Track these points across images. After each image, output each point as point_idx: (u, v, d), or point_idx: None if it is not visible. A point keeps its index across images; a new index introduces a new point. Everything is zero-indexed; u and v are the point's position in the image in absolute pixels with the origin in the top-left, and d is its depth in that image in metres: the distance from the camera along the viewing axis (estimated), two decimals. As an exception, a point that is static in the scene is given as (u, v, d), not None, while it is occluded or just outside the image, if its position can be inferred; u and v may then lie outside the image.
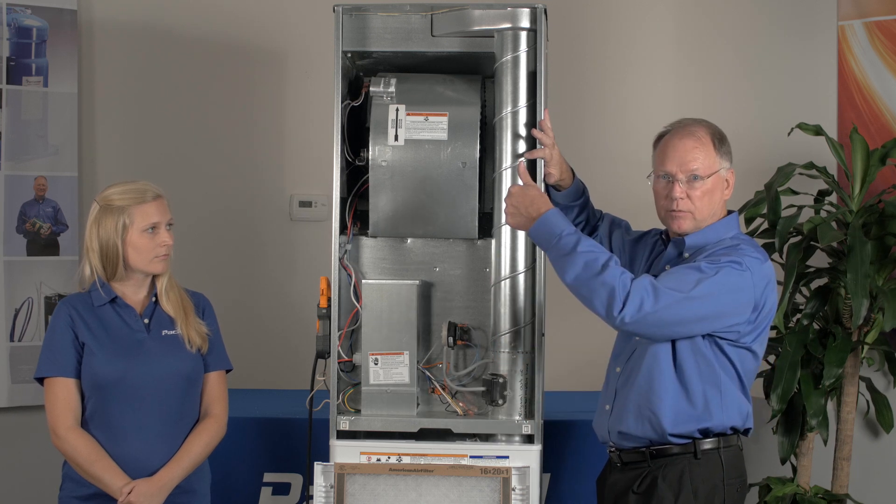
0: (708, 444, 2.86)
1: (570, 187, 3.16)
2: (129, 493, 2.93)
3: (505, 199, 2.98)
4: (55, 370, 2.99)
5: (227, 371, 3.19)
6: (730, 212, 2.97)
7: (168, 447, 3.02)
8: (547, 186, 3.13)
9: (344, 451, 3.14)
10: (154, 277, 3.08)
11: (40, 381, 3.03)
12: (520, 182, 3.06)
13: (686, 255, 2.90)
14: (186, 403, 3.07)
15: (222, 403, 3.14)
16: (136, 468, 2.98)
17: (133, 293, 3.07)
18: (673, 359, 2.83)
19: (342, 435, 3.16)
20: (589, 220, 3.23)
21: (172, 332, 3.06)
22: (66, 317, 3.01)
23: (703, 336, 2.81)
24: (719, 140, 2.89)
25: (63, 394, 2.99)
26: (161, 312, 3.08)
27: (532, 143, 3.16)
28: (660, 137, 2.97)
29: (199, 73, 4.69)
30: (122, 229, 2.99)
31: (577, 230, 2.84)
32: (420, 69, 3.31)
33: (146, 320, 3.06)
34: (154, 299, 3.08)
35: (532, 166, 3.16)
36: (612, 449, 2.96)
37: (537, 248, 3.14)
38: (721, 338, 2.81)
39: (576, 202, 3.18)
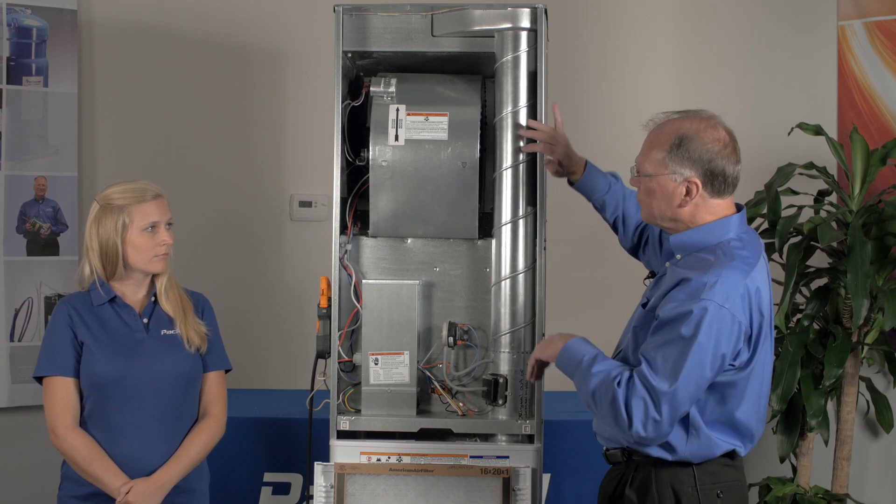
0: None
1: (583, 180, 3.13)
2: (128, 492, 2.93)
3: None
4: (54, 369, 2.99)
5: (227, 371, 3.19)
6: (739, 207, 2.85)
7: (167, 447, 3.02)
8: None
9: (344, 451, 3.14)
10: (153, 277, 3.08)
11: (39, 380, 3.03)
12: None
13: (678, 255, 2.79)
14: (185, 403, 3.07)
15: (221, 403, 3.14)
16: (134, 468, 2.98)
17: (132, 293, 3.07)
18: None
19: (342, 435, 3.16)
20: (626, 218, 3.14)
21: (171, 332, 3.07)
22: (66, 316, 3.01)
23: None
24: (678, 145, 2.71)
25: (62, 393, 2.99)
26: (160, 312, 3.08)
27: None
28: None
29: (199, 73, 4.69)
30: (121, 228, 2.99)
31: (596, 352, 2.75)
32: (420, 69, 3.31)
33: (145, 320, 3.06)
34: (153, 299, 3.08)
35: (532, 159, 3.16)
36: (603, 449, 2.90)
37: (537, 248, 3.15)
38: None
39: (598, 196, 3.14)
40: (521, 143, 3.14)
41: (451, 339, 3.18)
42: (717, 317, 2.57)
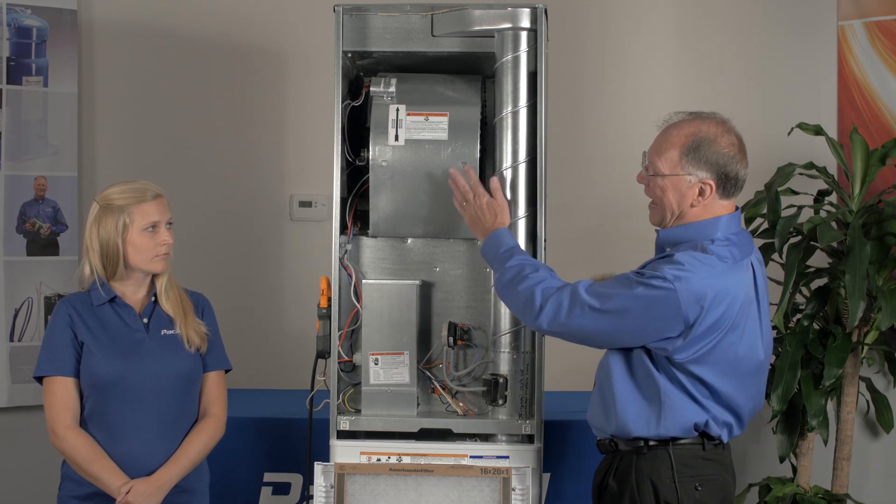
0: (654, 440, 2.80)
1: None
2: (128, 492, 2.93)
3: (468, 198, 3.07)
4: (54, 369, 2.99)
5: (227, 371, 3.19)
6: (737, 208, 2.89)
7: (167, 447, 3.02)
8: None
9: (344, 451, 3.14)
10: (154, 277, 3.08)
11: (39, 380, 3.03)
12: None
13: (668, 249, 2.84)
14: (185, 403, 3.07)
15: (221, 403, 3.14)
16: (134, 467, 2.98)
17: (132, 293, 3.07)
18: (627, 365, 2.82)
19: (342, 435, 3.17)
20: None
21: (171, 332, 3.07)
22: (66, 316, 3.02)
23: (641, 348, 2.77)
24: (694, 147, 2.79)
25: (62, 393, 2.99)
26: (160, 312, 3.08)
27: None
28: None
29: (199, 73, 4.69)
30: (122, 228, 2.99)
31: (519, 248, 2.95)
32: (420, 69, 3.31)
33: (145, 320, 3.06)
34: (153, 299, 3.08)
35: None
36: (596, 440, 2.96)
37: (537, 249, 3.15)
38: (656, 352, 2.76)
39: None
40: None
41: (451, 339, 3.18)
42: (661, 291, 2.67)
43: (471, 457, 3.12)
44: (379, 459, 3.12)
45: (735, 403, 2.81)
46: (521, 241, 3.15)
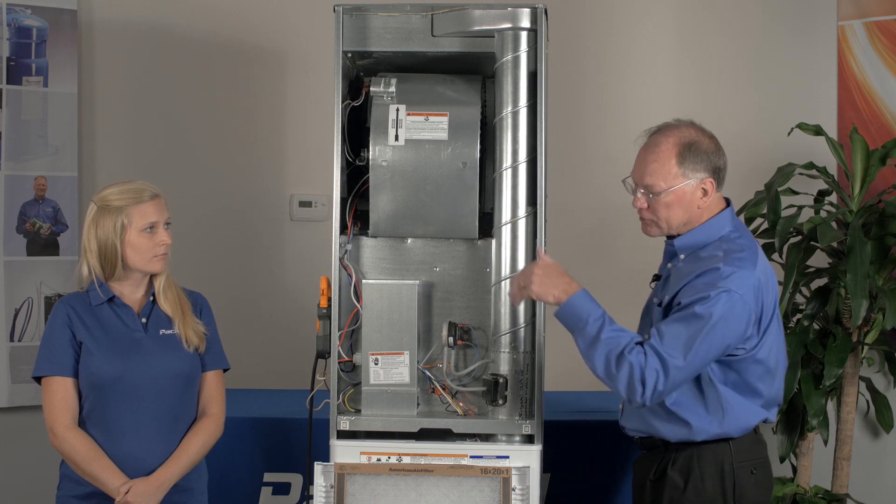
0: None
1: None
2: (127, 492, 2.93)
3: (526, 271, 2.95)
4: (53, 369, 2.99)
5: (225, 370, 3.19)
6: (728, 202, 2.97)
7: (165, 446, 3.02)
8: None
9: (344, 451, 3.14)
10: (152, 277, 3.08)
11: (38, 380, 3.03)
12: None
13: (682, 255, 2.94)
14: (184, 403, 3.07)
15: (220, 403, 3.14)
16: (133, 467, 2.98)
17: (131, 292, 3.07)
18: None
19: (342, 435, 3.16)
20: None
21: (170, 332, 3.07)
22: (64, 316, 3.01)
23: None
24: (686, 151, 2.86)
25: (61, 393, 2.99)
26: (159, 312, 3.08)
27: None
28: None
29: (199, 73, 4.69)
30: (120, 229, 2.99)
31: (601, 313, 2.84)
32: (420, 69, 3.31)
33: (144, 319, 3.06)
34: (152, 298, 3.08)
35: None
36: (635, 437, 3.05)
37: (537, 249, 3.15)
38: (729, 356, 2.86)
39: None
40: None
41: (451, 339, 3.18)
42: (730, 303, 2.75)
43: (471, 457, 3.12)
44: (379, 459, 3.12)
45: (779, 389, 2.96)
46: (521, 241, 3.15)
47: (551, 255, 3.24)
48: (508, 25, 3.15)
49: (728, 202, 2.97)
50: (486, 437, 3.18)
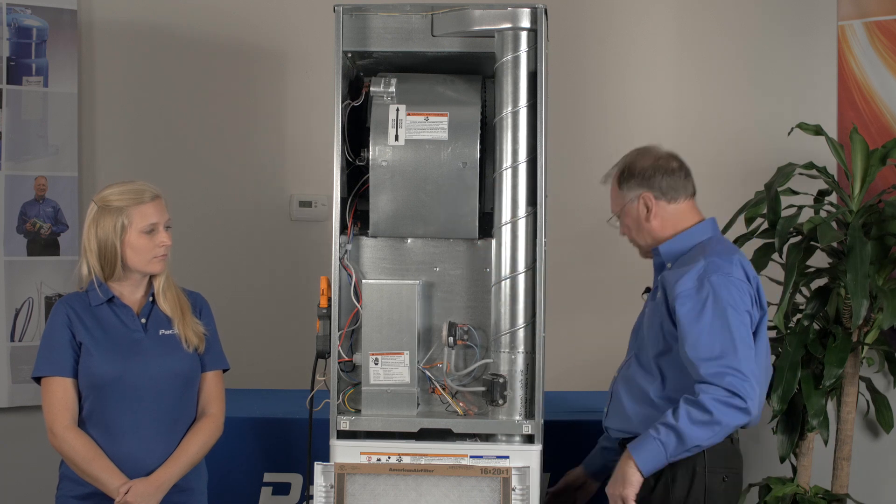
0: None
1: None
2: (127, 492, 2.93)
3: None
4: (52, 370, 2.99)
5: (224, 370, 3.19)
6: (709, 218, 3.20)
7: (165, 446, 3.03)
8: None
9: (344, 451, 3.14)
10: (151, 277, 3.08)
11: (38, 380, 3.03)
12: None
13: (668, 264, 3.11)
14: (183, 403, 3.08)
15: (219, 403, 3.14)
16: (133, 467, 2.98)
17: (130, 293, 3.07)
18: (660, 375, 3.04)
19: (342, 435, 3.16)
20: None
21: (169, 332, 3.07)
22: (64, 316, 3.01)
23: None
24: (626, 174, 3.17)
25: (60, 393, 2.99)
26: (158, 312, 3.08)
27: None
28: None
29: (199, 73, 4.69)
30: (120, 230, 2.99)
31: (655, 430, 2.90)
32: (420, 69, 3.31)
33: (143, 320, 3.06)
34: (151, 299, 3.08)
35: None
36: (618, 438, 3.14)
37: (537, 249, 3.15)
38: None
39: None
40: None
41: (451, 339, 3.18)
42: (725, 284, 2.94)
43: (471, 457, 3.12)
44: (379, 459, 3.12)
45: (761, 395, 3.00)
46: (521, 241, 3.16)
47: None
48: (508, 25, 3.15)
49: (702, 216, 3.20)
50: (486, 437, 3.18)
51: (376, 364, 3.17)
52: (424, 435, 3.16)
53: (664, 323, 3.03)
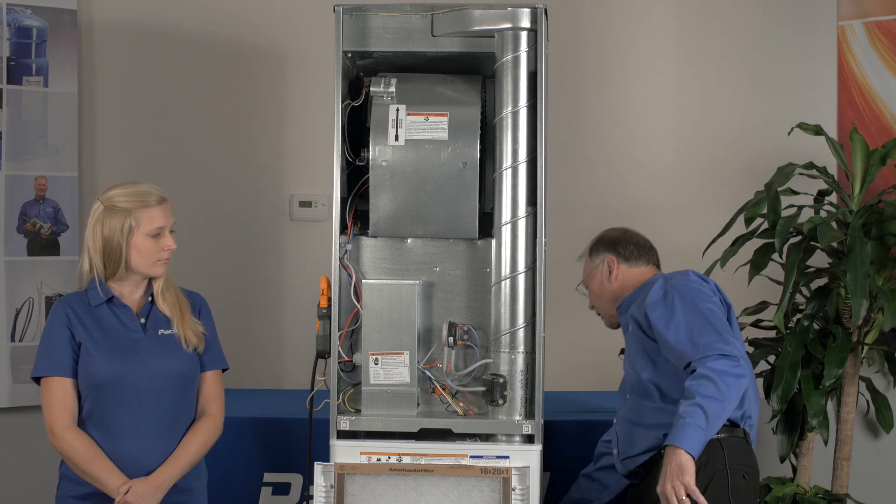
0: None
1: None
2: (126, 492, 2.93)
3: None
4: (52, 370, 2.99)
5: (224, 370, 3.19)
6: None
7: (165, 446, 3.03)
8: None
9: (344, 451, 3.14)
10: (151, 278, 3.08)
11: (37, 380, 3.03)
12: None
13: (631, 317, 3.25)
14: (183, 403, 3.08)
15: (219, 402, 3.14)
16: (132, 467, 2.98)
17: (130, 293, 3.07)
18: (658, 391, 3.14)
19: (342, 435, 3.17)
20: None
21: (169, 332, 3.07)
22: (63, 316, 3.01)
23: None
24: (595, 244, 3.43)
25: (60, 393, 2.99)
26: (157, 312, 3.08)
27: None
28: None
29: (199, 73, 4.69)
30: (127, 231, 2.99)
31: (680, 415, 2.94)
32: (420, 69, 3.31)
33: (143, 320, 3.06)
34: (150, 299, 3.08)
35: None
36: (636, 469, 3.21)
37: (537, 249, 3.15)
38: None
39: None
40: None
41: (451, 339, 3.18)
42: (684, 283, 3.15)
43: (471, 457, 3.12)
44: (379, 459, 3.12)
45: (750, 402, 3.13)
46: (521, 241, 3.16)
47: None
48: (508, 25, 3.15)
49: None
50: (486, 437, 3.18)
51: (376, 364, 3.17)
52: (424, 435, 3.16)
53: (644, 344, 3.17)
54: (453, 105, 3.21)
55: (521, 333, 3.16)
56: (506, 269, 3.16)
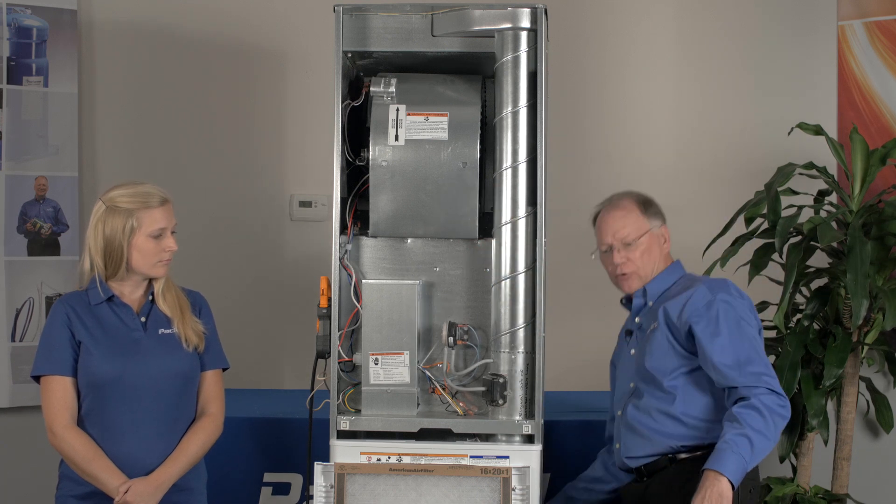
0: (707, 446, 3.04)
1: None
2: (126, 492, 2.93)
3: None
4: (52, 368, 2.99)
5: (224, 370, 3.19)
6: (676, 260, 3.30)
7: (165, 446, 3.03)
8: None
9: (344, 451, 3.14)
10: (151, 278, 3.08)
11: (37, 379, 3.03)
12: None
13: (650, 302, 3.20)
14: (183, 402, 3.08)
15: (219, 402, 3.14)
16: (132, 467, 2.98)
17: (130, 292, 3.07)
18: (675, 396, 3.11)
19: (342, 435, 3.17)
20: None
21: (169, 331, 3.07)
22: (63, 315, 3.01)
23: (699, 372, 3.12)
24: (645, 205, 3.25)
25: (59, 392, 2.99)
26: (158, 311, 3.08)
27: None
28: (595, 216, 3.32)
29: (199, 73, 4.69)
30: (129, 232, 2.99)
31: (726, 441, 2.95)
32: (420, 69, 3.31)
33: (143, 319, 3.06)
34: (151, 298, 3.08)
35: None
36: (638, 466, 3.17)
37: (537, 249, 3.15)
38: None
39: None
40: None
41: (451, 339, 3.18)
42: (730, 301, 3.10)
43: (471, 457, 3.12)
44: (379, 459, 3.12)
45: None
46: (521, 241, 3.16)
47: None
48: (508, 25, 3.15)
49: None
50: (486, 437, 3.18)
51: (376, 364, 3.17)
52: (424, 435, 3.16)
53: (675, 348, 3.12)
54: (453, 105, 3.21)
55: (521, 333, 3.16)
56: (506, 269, 3.16)
